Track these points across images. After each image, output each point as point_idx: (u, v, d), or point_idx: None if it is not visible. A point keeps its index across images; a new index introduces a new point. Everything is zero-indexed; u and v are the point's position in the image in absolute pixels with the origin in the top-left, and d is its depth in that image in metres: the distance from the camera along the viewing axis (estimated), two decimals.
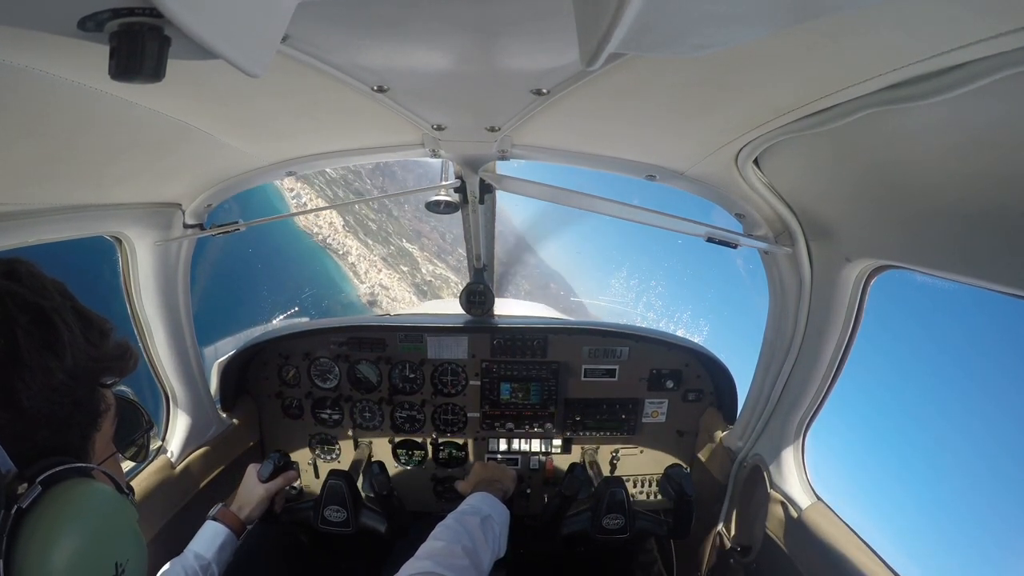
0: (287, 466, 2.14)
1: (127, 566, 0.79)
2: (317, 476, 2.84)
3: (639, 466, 2.88)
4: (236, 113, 1.43)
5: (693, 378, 2.74)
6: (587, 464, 2.80)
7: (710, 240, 1.90)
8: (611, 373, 2.72)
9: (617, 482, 2.29)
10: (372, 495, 2.33)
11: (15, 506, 0.69)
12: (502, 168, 1.98)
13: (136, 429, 1.08)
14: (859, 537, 1.77)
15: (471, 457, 2.87)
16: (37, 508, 0.71)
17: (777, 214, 1.76)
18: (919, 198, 1.20)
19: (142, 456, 1.17)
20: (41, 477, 0.72)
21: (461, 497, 1.96)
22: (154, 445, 2.17)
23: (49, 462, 0.75)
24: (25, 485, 0.71)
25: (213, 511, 1.92)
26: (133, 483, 1.87)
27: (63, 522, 0.72)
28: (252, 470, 2.09)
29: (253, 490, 2.02)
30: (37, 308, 0.77)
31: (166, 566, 1.65)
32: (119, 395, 0.97)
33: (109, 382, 0.91)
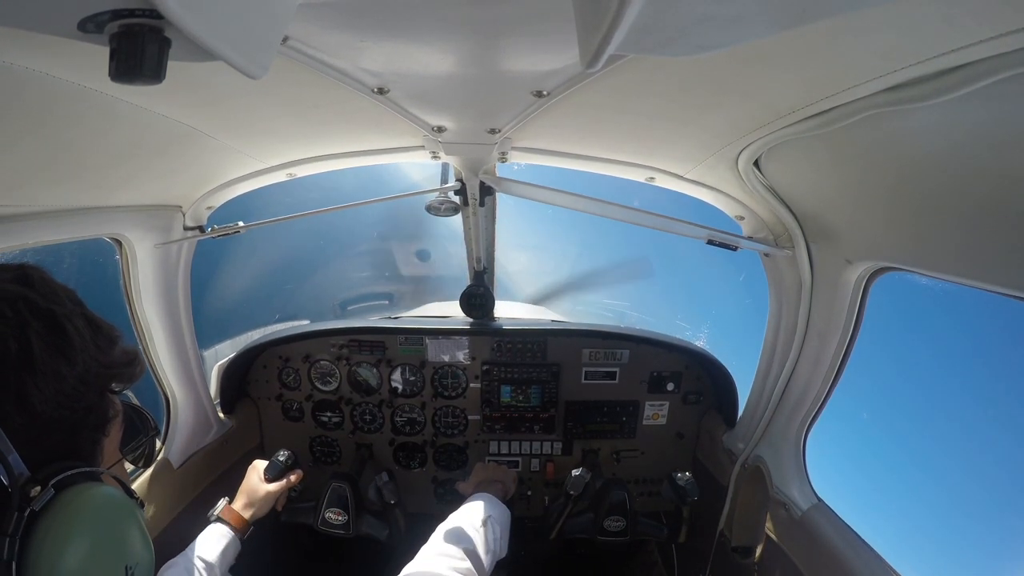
0: (294, 465, 2.14)
1: (136, 570, 0.80)
2: (317, 478, 2.85)
3: (640, 468, 2.87)
4: (236, 115, 1.43)
5: (693, 380, 2.73)
6: (589, 466, 2.81)
7: (711, 242, 1.90)
8: (611, 375, 2.72)
9: (618, 484, 2.29)
10: (377, 502, 2.32)
11: (28, 508, 0.70)
12: (502, 171, 1.98)
13: (142, 435, 1.09)
14: (860, 538, 1.76)
15: (472, 459, 2.87)
16: (50, 511, 0.72)
17: (777, 216, 1.76)
18: (920, 200, 1.20)
19: (147, 462, 1.18)
20: (54, 480, 0.73)
21: (462, 499, 1.95)
22: None
23: (61, 465, 0.76)
24: (38, 488, 0.71)
25: (217, 508, 1.92)
26: (134, 486, 1.87)
27: (75, 525, 0.73)
28: (257, 467, 2.09)
29: (257, 490, 2.02)
30: (50, 314, 0.77)
31: (168, 568, 1.64)
32: (125, 402, 0.98)
33: (117, 388, 0.92)
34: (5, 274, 0.79)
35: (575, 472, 2.23)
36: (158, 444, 2.10)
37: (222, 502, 1.95)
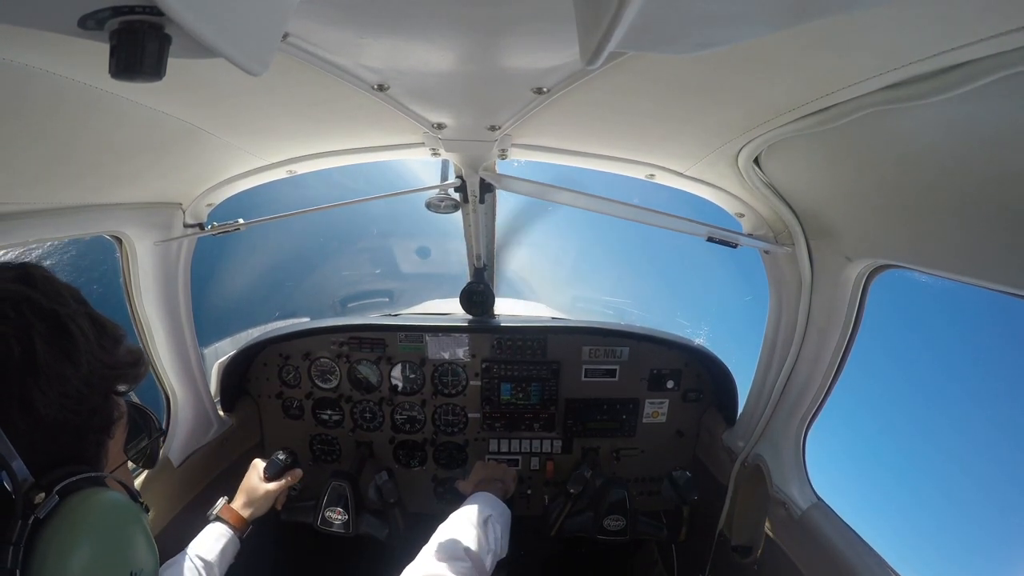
0: (294, 464, 2.14)
1: (141, 575, 0.79)
2: (317, 477, 2.85)
3: (640, 467, 2.88)
4: (236, 112, 1.43)
5: (693, 378, 2.74)
6: (589, 464, 2.81)
7: (710, 240, 1.90)
8: (611, 373, 2.72)
9: (618, 483, 2.29)
10: (377, 501, 2.33)
11: (32, 516, 0.68)
12: (502, 168, 1.98)
13: (146, 436, 1.07)
14: (860, 538, 1.77)
15: (471, 458, 2.87)
16: (54, 518, 0.70)
17: (777, 214, 1.76)
18: (920, 198, 1.20)
19: (150, 463, 1.17)
20: (58, 486, 0.72)
21: (462, 498, 1.96)
22: None
23: (65, 471, 0.75)
24: (42, 495, 0.70)
25: (216, 507, 1.92)
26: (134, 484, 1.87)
27: (80, 532, 0.72)
28: (257, 466, 2.09)
29: (257, 489, 2.02)
30: (53, 315, 0.76)
31: (166, 567, 1.64)
32: (129, 402, 0.96)
33: (122, 390, 0.90)
34: (7, 273, 0.78)
35: (575, 471, 2.24)
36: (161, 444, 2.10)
37: (221, 501, 1.95)
